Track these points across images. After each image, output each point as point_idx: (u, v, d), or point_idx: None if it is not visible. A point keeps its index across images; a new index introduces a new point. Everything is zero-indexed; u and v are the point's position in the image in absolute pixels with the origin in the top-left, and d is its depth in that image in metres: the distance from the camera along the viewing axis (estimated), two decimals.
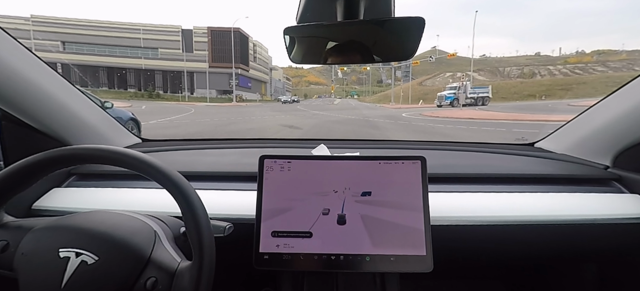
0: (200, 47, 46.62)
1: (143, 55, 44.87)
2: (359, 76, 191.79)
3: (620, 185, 0.82)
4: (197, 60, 45.95)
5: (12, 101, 0.73)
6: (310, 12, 0.62)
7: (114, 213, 0.56)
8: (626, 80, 0.82)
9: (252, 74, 54.15)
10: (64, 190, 0.83)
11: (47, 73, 0.79)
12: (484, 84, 31.77)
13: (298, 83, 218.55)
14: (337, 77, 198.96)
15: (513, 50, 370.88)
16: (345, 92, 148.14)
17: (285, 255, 0.63)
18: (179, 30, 46.87)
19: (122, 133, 1.09)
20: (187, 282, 0.47)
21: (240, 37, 48.29)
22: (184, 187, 0.49)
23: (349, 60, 0.64)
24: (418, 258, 0.62)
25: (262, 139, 1.25)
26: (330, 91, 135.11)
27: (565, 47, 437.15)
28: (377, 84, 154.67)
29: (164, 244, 0.53)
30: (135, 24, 46.33)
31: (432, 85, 70.47)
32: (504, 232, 0.73)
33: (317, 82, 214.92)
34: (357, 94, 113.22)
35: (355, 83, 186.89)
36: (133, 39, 44.77)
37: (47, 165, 0.52)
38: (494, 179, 0.84)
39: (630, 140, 0.80)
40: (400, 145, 1.17)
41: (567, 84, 38.41)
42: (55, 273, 0.46)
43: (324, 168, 0.68)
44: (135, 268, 0.48)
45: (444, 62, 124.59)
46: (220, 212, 0.69)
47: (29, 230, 0.51)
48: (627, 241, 0.77)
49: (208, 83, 42.07)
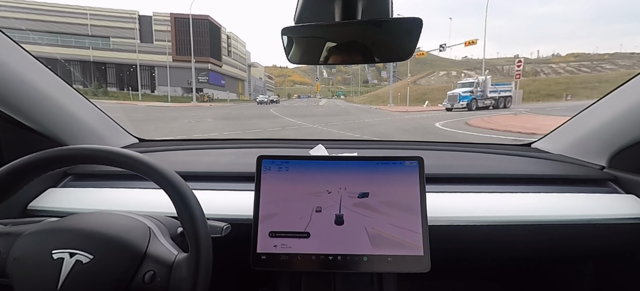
0: (161, 36, 45.28)
1: (91, 45, 42.67)
2: (344, 76, 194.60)
3: (616, 186, 0.94)
4: (158, 52, 44.43)
5: (7, 100, 0.79)
6: (308, 13, 0.71)
7: (106, 213, 0.61)
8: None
9: (225, 70, 53.57)
10: (60, 190, 0.90)
11: (42, 72, 0.85)
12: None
13: (282, 82, 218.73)
14: (323, 77, 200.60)
15: (494, 52, 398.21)
16: (331, 92, 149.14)
17: (283, 255, 0.71)
18: (135, 16, 45.45)
19: (119, 133, 1.17)
20: (185, 272, 0.53)
21: (211, 26, 47.34)
22: (180, 186, 0.55)
23: (346, 61, 0.73)
24: (415, 258, 0.70)
25: (260, 139, 1.35)
26: (315, 91, 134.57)
27: (543, 50, 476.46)
28: (364, 84, 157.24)
29: (160, 239, 0.59)
30: (81, 7, 44.21)
31: (427, 84, 71.52)
32: (501, 232, 0.83)
33: (302, 82, 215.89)
34: (344, 94, 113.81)
35: (340, 83, 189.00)
36: (79, 25, 42.83)
37: (42, 165, 0.56)
38: (491, 179, 0.95)
39: (625, 141, 0.91)
40: (398, 146, 1.28)
41: (587, 82, 37.40)
42: (50, 275, 0.51)
43: (322, 169, 0.76)
44: (131, 263, 0.54)
45: (428, 63, 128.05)
46: (218, 212, 0.77)
47: (19, 235, 0.56)
48: (622, 241, 0.88)
49: (169, 79, 40.58)
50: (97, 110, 1.06)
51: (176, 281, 0.53)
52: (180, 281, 0.53)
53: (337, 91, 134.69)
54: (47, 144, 0.87)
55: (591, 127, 1.01)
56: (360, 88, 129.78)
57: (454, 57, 69.48)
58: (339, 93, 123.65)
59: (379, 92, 69.97)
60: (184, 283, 0.52)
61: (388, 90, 45.98)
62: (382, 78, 57.79)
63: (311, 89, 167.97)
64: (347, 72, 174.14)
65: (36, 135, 0.89)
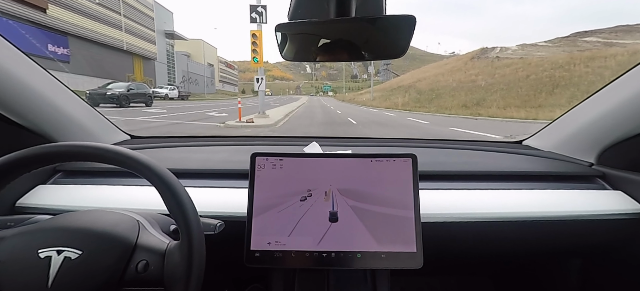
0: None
1: None
2: (329, 72, 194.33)
3: (604, 182, 0.97)
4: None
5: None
6: (302, 9, 0.71)
7: (93, 211, 0.62)
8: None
9: (71, 28, 21.38)
10: (49, 187, 0.89)
11: (31, 68, 0.84)
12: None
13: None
14: (306, 72, 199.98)
15: (470, 49, 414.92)
16: (315, 87, 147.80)
17: (277, 252, 0.72)
18: None
19: (111, 130, 1.17)
20: (178, 258, 0.54)
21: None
22: (172, 183, 0.55)
23: (340, 58, 0.74)
24: (408, 254, 0.72)
25: (253, 137, 1.36)
26: (291, 86, 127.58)
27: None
28: (352, 80, 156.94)
29: (149, 230, 0.60)
30: None
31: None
32: (492, 229, 0.86)
33: (283, 77, 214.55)
34: (333, 90, 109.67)
35: (325, 78, 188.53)
36: None
37: (29, 162, 0.56)
38: (483, 176, 0.97)
39: (613, 138, 0.94)
40: (391, 143, 1.30)
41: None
42: (38, 274, 0.51)
43: (316, 166, 0.77)
44: (123, 255, 0.54)
45: (418, 58, 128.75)
46: (211, 209, 0.78)
47: (2, 239, 0.56)
48: (610, 237, 0.91)
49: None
50: (88, 107, 1.06)
51: (170, 267, 0.54)
52: (175, 267, 0.53)
53: (324, 86, 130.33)
54: (36, 141, 0.88)
55: (580, 124, 1.03)
56: (348, 84, 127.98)
57: (443, 52, 70.81)
58: (325, 88, 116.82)
59: (385, 85, 60.82)
60: (178, 268, 0.53)
61: (394, 83, 41.40)
62: (369, 73, 57.05)
63: (289, 85, 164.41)
64: (332, 67, 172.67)
65: (25, 131, 0.88)
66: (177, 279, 0.53)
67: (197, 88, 51.00)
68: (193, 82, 50.27)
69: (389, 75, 54.67)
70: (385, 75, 57.53)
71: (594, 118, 0.98)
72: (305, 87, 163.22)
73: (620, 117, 0.90)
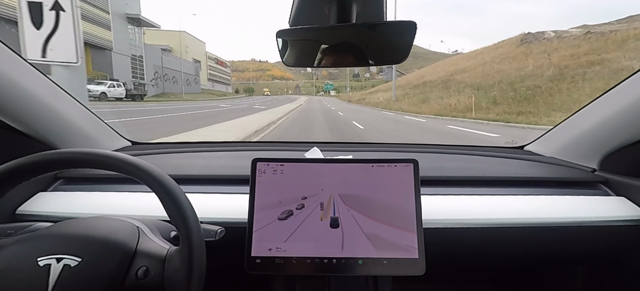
0: None
1: None
2: (330, 70, 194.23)
3: (606, 188, 0.96)
4: None
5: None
6: (303, 15, 0.71)
7: (92, 218, 0.62)
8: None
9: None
10: (50, 195, 0.90)
11: (31, 74, 0.84)
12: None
13: (260, 77, 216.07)
14: (306, 72, 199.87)
15: (471, 49, 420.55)
16: (316, 87, 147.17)
17: (278, 258, 0.72)
18: None
19: (112, 136, 1.17)
20: (178, 264, 0.54)
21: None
22: (173, 189, 0.55)
23: (341, 63, 0.74)
24: (410, 261, 0.71)
25: (254, 142, 1.36)
26: (290, 86, 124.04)
27: None
28: (354, 78, 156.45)
29: (149, 236, 0.60)
30: None
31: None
32: (495, 235, 0.85)
33: (283, 77, 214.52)
34: (336, 89, 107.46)
35: (326, 77, 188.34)
36: None
37: (29, 170, 0.56)
38: (485, 182, 0.97)
39: (616, 144, 0.94)
40: (392, 148, 1.30)
41: None
42: (38, 283, 0.51)
43: (317, 172, 0.77)
44: (123, 261, 0.54)
45: (420, 56, 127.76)
46: (212, 215, 0.78)
47: (0, 248, 0.56)
48: (613, 243, 0.91)
49: None
50: (89, 113, 1.06)
51: (170, 272, 0.54)
52: (175, 272, 0.53)
53: (325, 84, 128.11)
54: (36, 147, 0.88)
55: (583, 129, 1.03)
56: (351, 83, 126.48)
57: (446, 50, 70.33)
58: (327, 87, 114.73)
59: (402, 81, 50.44)
60: (178, 274, 0.53)
61: (413, 79, 33.23)
62: (372, 72, 56.37)
63: (288, 84, 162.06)
64: None
65: (25, 138, 0.88)
66: (178, 285, 0.52)
67: (175, 87, 45.93)
68: (169, 79, 44.30)
69: (392, 73, 53.65)
70: (388, 73, 57.15)
71: (596, 124, 0.97)
72: (305, 87, 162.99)
73: (622, 122, 0.89)
